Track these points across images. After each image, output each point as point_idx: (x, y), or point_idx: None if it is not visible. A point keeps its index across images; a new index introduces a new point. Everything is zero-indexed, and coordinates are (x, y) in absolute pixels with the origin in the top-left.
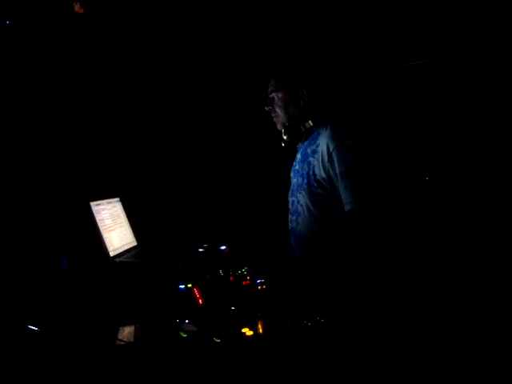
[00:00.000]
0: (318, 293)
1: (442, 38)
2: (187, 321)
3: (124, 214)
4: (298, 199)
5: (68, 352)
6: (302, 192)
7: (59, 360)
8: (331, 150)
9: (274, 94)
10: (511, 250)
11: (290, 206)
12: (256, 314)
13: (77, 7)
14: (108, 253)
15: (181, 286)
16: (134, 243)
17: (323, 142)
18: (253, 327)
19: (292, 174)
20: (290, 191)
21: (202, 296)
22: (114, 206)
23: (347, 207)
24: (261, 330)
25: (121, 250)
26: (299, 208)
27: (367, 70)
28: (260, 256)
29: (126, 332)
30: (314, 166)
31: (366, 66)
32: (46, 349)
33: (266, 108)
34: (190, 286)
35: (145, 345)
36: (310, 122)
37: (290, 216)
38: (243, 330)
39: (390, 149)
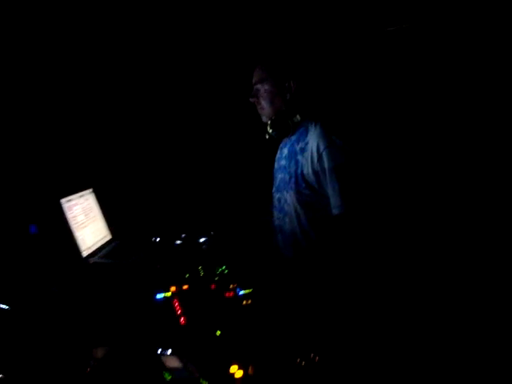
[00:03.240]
0: (311, 314)
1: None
2: (170, 350)
3: (97, 205)
4: (285, 198)
5: None
6: (290, 192)
7: None
8: (321, 150)
9: (259, 85)
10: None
11: (277, 203)
12: (243, 345)
13: None
14: (81, 253)
15: (159, 296)
16: (108, 237)
17: (313, 141)
18: (242, 365)
19: (276, 167)
20: (275, 187)
21: (182, 312)
22: (86, 200)
23: (335, 211)
24: (251, 371)
25: (94, 248)
26: (286, 207)
27: (357, 64)
28: (241, 252)
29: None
30: (302, 165)
31: (355, 59)
32: None
33: (251, 99)
34: (169, 295)
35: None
36: (297, 116)
37: (276, 212)
38: (232, 371)
39: (383, 150)
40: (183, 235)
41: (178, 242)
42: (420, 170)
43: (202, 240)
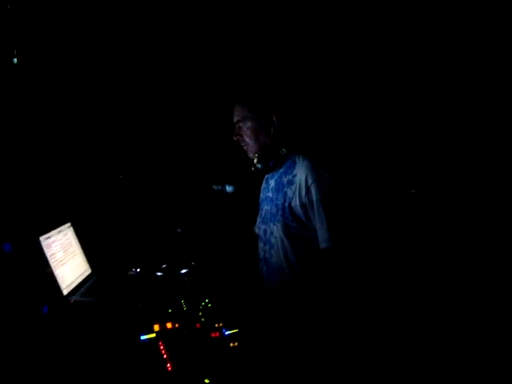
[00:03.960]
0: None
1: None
2: None
3: (76, 240)
4: (272, 230)
5: None
6: (277, 224)
7: None
8: (310, 183)
9: (241, 124)
10: None
11: (262, 234)
12: None
13: None
14: (61, 291)
15: (143, 337)
16: (88, 271)
17: (301, 174)
18: None
19: (262, 198)
20: (261, 218)
21: (168, 356)
22: (65, 235)
23: (323, 245)
24: None
25: (74, 285)
26: (272, 239)
27: (339, 95)
28: (224, 284)
29: None
30: (290, 198)
31: (336, 91)
32: None
33: (235, 138)
34: (153, 336)
35: None
36: (283, 149)
37: (261, 244)
38: None
39: (369, 181)
40: (164, 266)
41: (159, 273)
42: (407, 201)
43: (183, 271)
